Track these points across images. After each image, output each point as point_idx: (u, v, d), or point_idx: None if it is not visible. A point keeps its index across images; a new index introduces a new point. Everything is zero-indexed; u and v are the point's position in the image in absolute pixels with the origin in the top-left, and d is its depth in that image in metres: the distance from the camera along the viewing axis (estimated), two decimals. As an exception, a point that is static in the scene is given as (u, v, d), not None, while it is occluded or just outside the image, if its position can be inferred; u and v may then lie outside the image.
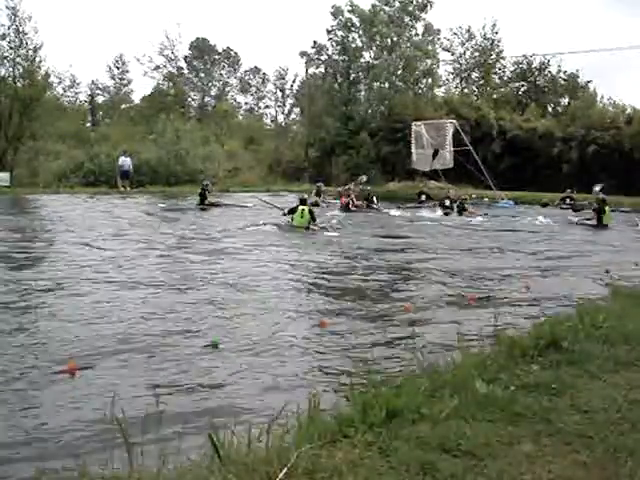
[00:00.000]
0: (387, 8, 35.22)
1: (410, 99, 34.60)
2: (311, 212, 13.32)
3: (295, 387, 4.06)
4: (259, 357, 4.70)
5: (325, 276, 8.33)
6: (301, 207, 13.33)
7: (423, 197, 21.77)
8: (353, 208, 18.45)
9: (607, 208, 15.26)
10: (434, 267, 9.29)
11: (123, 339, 5.02)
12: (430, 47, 36.31)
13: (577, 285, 7.91)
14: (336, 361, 4.72)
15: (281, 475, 2.17)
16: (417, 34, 36.09)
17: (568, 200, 22.57)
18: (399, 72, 35.38)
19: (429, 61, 35.85)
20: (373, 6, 35.30)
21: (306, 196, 13.83)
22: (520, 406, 2.96)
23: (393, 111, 34.00)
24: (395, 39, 35.41)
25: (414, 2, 35.11)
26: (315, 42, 37.34)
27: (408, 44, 35.15)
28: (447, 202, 19.64)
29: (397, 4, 35.39)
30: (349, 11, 35.46)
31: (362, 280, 8.04)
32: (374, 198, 19.95)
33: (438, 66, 37.12)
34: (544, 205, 22.03)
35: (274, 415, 2.63)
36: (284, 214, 13.69)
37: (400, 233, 14.12)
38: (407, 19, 35.63)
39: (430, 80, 36.69)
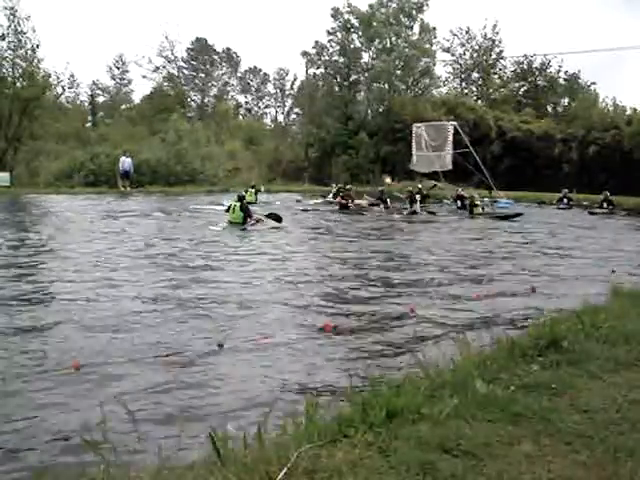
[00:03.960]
0: (384, 9, 35.31)
1: (409, 99, 34.64)
2: (243, 208, 13.32)
3: (296, 387, 4.06)
4: (261, 357, 4.70)
5: (326, 276, 8.34)
6: (233, 204, 13.47)
7: (418, 197, 21.86)
8: (352, 206, 18.94)
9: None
10: (435, 267, 9.29)
11: (125, 339, 5.03)
12: (427, 46, 36.36)
13: (577, 285, 7.91)
14: (337, 361, 4.72)
15: (281, 475, 2.17)
16: (414, 33, 36.15)
17: (565, 200, 22.69)
18: (398, 72, 35.43)
19: (426, 60, 35.90)
20: (370, 6, 35.39)
21: (244, 193, 13.90)
22: (520, 406, 2.95)
23: (392, 111, 34.04)
24: (393, 39, 35.48)
25: (410, 2, 35.18)
26: (317, 42, 37.40)
27: (405, 44, 35.21)
28: (459, 202, 20.56)
29: (394, 5, 35.46)
30: (347, 12, 35.55)
31: (364, 280, 8.04)
32: (388, 200, 20.24)
33: (434, 64, 37.17)
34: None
35: (274, 415, 2.63)
36: (226, 211, 13.82)
37: (400, 233, 14.13)
38: (404, 19, 35.68)
39: (428, 80, 36.75)
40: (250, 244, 11.15)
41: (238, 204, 13.36)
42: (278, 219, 13.68)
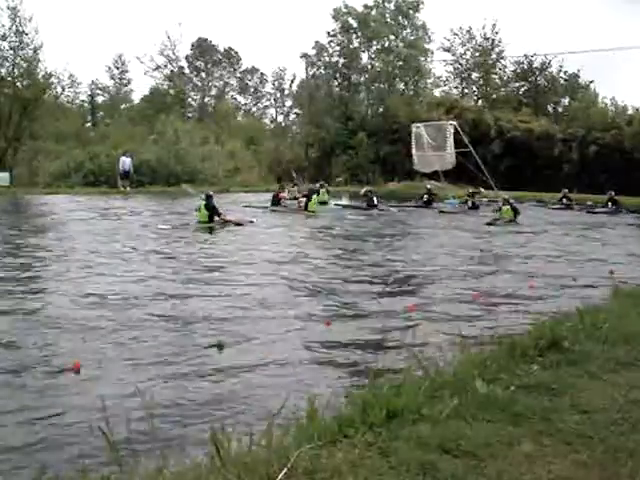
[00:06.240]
0: (381, 10, 35.36)
1: (406, 99, 34.66)
2: (209, 207, 13.39)
3: (296, 387, 4.06)
4: (261, 357, 4.71)
5: (327, 275, 8.33)
6: (201, 202, 13.59)
7: (425, 197, 21.89)
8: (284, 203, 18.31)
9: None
10: (435, 267, 9.29)
11: (126, 339, 5.03)
12: (425, 45, 36.37)
13: (577, 285, 7.91)
14: (337, 361, 4.72)
15: (281, 475, 2.16)
16: (412, 33, 36.11)
17: (565, 200, 22.75)
18: (397, 71, 35.47)
19: (421, 58, 35.91)
20: (365, 6, 35.49)
21: (211, 192, 13.99)
22: (520, 406, 2.95)
23: (390, 111, 34.04)
24: (392, 38, 35.54)
25: (407, 1, 35.20)
26: (317, 42, 37.41)
27: (403, 43, 35.25)
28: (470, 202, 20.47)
29: (392, 6, 35.49)
30: (345, 13, 35.60)
31: (363, 281, 8.04)
32: (374, 198, 20.18)
33: (431, 61, 37.05)
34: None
35: (274, 415, 2.63)
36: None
37: (401, 232, 14.13)
38: (402, 19, 35.70)
39: (427, 80, 36.78)
40: (240, 244, 11.14)
41: (204, 203, 13.51)
42: (240, 224, 13.72)
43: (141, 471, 2.33)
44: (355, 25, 35.89)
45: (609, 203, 21.20)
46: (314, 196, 17.66)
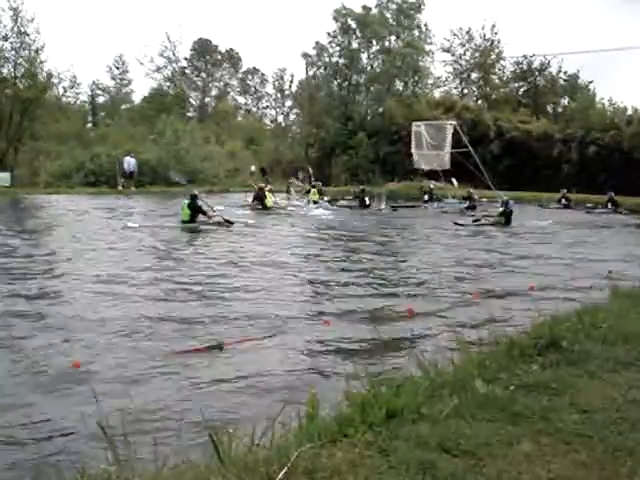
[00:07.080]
0: (382, 10, 35.38)
1: (405, 100, 34.67)
2: (191, 207, 13.33)
3: (296, 387, 4.06)
4: (260, 357, 4.71)
5: (327, 275, 8.34)
6: (184, 202, 13.53)
7: (426, 197, 21.90)
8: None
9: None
10: (434, 267, 9.29)
11: (126, 339, 5.04)
12: (427, 47, 36.41)
13: (577, 285, 7.91)
14: (337, 360, 4.73)
15: (281, 475, 2.17)
16: (413, 34, 36.13)
17: (564, 200, 22.80)
18: (395, 71, 35.49)
19: (421, 58, 35.93)
20: (364, 7, 35.52)
21: (196, 192, 13.94)
22: (520, 406, 2.95)
23: (390, 112, 34.04)
24: (393, 39, 35.56)
25: (408, 2, 35.22)
26: (317, 43, 37.44)
27: (402, 44, 35.28)
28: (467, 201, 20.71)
29: (394, 6, 35.51)
30: (344, 14, 35.64)
31: (362, 281, 8.04)
32: (366, 198, 20.32)
33: (426, 61, 37.01)
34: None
35: (274, 415, 2.63)
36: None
37: (398, 233, 14.13)
38: (404, 20, 35.70)
39: (427, 80, 36.79)
40: (240, 245, 11.13)
41: (187, 202, 13.46)
42: (230, 222, 13.66)
43: (141, 470, 2.33)
44: (354, 26, 35.92)
45: (608, 204, 21.26)
46: (267, 193, 17.73)
